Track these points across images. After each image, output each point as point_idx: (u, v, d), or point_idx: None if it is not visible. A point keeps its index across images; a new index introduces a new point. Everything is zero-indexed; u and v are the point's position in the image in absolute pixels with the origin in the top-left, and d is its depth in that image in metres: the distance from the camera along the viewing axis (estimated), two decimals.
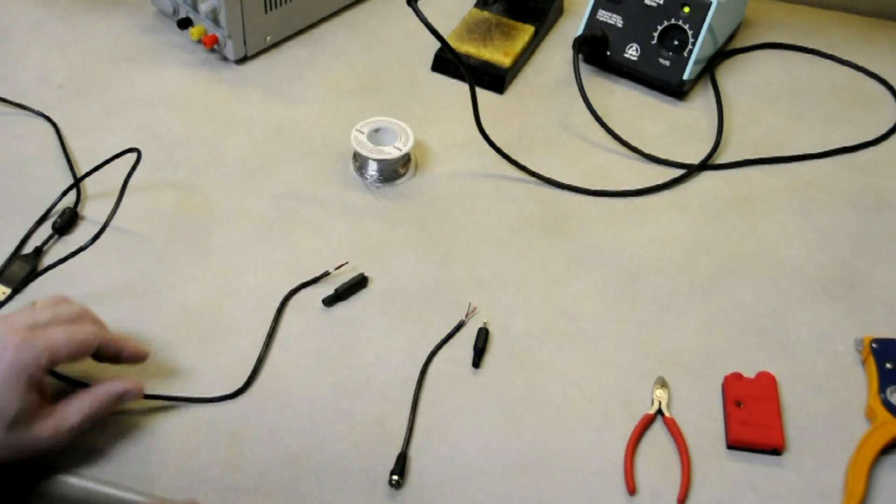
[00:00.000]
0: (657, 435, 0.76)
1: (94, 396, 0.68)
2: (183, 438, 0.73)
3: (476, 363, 0.79)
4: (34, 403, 0.64)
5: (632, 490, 0.72)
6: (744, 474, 0.74)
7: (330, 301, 0.83)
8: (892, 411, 0.76)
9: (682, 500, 0.71)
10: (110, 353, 0.71)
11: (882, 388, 0.78)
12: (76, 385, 0.71)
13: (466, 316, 0.82)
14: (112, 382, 0.70)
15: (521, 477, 0.73)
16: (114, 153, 0.89)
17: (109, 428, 0.73)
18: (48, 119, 0.97)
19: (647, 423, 0.76)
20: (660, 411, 0.77)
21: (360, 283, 0.84)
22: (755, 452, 0.75)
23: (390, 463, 0.72)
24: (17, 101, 0.99)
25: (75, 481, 0.70)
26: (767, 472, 0.74)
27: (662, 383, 0.79)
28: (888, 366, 0.79)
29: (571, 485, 0.72)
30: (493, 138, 0.96)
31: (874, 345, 0.80)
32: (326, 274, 0.85)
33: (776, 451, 0.75)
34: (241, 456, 0.72)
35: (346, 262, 0.85)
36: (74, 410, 0.67)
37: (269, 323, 0.81)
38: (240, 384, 0.77)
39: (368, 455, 0.73)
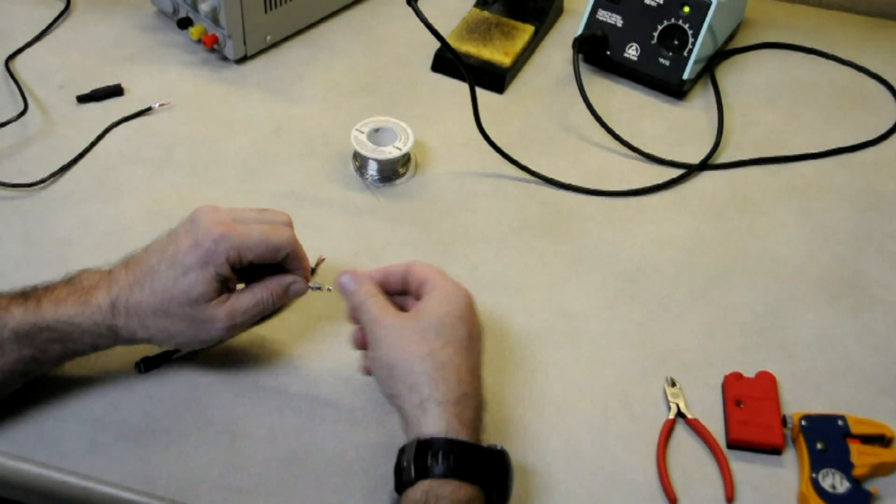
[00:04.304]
0: (677, 437, 0.76)
1: (265, 286, 0.73)
2: (183, 438, 0.73)
3: None
4: (216, 290, 0.71)
5: (672, 500, 0.71)
6: (744, 474, 0.74)
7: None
8: (826, 498, 0.70)
9: (730, 498, 0.71)
10: (291, 265, 0.75)
11: (814, 470, 0.72)
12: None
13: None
14: (282, 276, 0.74)
15: (521, 477, 0.73)
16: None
17: (109, 427, 0.73)
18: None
19: (670, 428, 0.76)
20: (681, 414, 0.76)
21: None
22: (755, 452, 0.75)
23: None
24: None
25: (75, 481, 0.70)
26: (767, 472, 0.74)
27: (672, 383, 0.78)
28: (819, 446, 0.73)
29: (571, 484, 0.72)
30: (493, 138, 0.96)
31: (803, 422, 0.74)
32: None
33: (776, 450, 0.75)
34: (241, 456, 0.72)
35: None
36: (247, 297, 0.73)
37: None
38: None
39: (368, 455, 0.73)
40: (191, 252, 0.69)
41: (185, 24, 1.06)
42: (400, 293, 0.74)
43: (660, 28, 1.04)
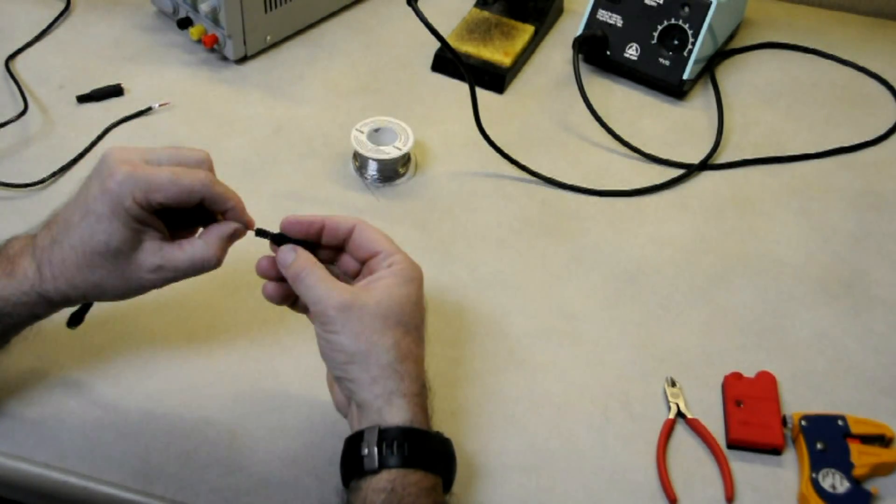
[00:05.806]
0: (676, 438, 0.76)
1: (205, 242, 0.68)
2: (183, 438, 0.73)
3: None
4: (134, 237, 0.65)
5: (672, 500, 0.71)
6: (744, 474, 0.74)
7: None
8: (826, 498, 0.70)
9: (730, 498, 0.72)
10: (215, 208, 0.69)
11: (814, 470, 0.72)
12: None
13: None
14: (222, 224, 0.69)
15: (521, 477, 0.73)
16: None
17: (109, 427, 0.73)
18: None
19: (670, 428, 0.76)
20: (681, 414, 0.77)
21: None
22: (755, 452, 0.75)
23: None
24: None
25: (76, 481, 0.70)
26: (767, 472, 0.74)
27: (672, 383, 0.78)
28: (819, 446, 0.73)
29: (571, 484, 0.72)
30: (493, 138, 0.96)
31: (803, 422, 0.74)
32: None
33: (776, 450, 0.75)
34: (241, 456, 0.73)
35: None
36: (181, 257, 0.67)
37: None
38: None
39: None
40: (100, 198, 0.64)
41: (185, 24, 1.06)
42: (334, 248, 0.71)
43: (660, 28, 1.04)
